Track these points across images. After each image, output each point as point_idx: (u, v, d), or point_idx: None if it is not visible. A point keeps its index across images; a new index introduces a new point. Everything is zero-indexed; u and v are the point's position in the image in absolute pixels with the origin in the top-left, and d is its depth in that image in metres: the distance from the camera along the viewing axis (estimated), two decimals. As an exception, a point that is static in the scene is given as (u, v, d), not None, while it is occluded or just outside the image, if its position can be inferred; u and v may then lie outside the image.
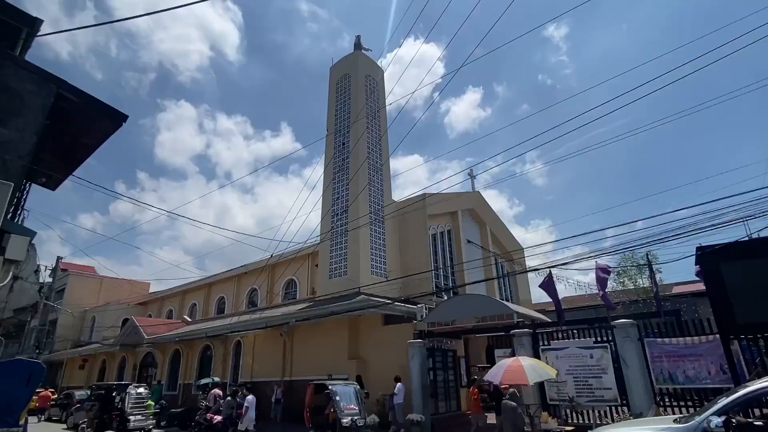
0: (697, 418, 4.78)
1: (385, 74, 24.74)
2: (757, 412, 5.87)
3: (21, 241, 5.20)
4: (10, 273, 5.22)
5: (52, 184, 8.71)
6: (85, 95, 6.49)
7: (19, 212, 6.35)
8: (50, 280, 29.12)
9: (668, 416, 6.87)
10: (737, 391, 4.90)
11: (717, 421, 4.47)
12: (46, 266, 28.00)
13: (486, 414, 12.17)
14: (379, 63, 24.75)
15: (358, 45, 23.90)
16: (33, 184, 8.04)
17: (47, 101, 6.16)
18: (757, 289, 7.80)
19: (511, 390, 8.84)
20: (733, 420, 4.60)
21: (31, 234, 5.51)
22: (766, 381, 4.87)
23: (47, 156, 7.87)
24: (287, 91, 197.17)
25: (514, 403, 8.42)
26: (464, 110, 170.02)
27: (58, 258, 27.85)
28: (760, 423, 4.79)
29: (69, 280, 38.98)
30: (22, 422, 6.34)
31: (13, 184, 5.08)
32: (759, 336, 8.18)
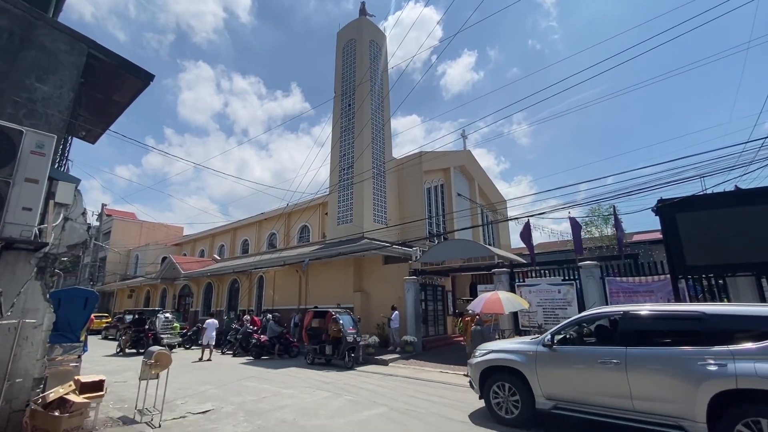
0: (541, 336, 5.67)
1: (387, 37, 23.51)
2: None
3: (68, 186, 5.18)
4: (61, 215, 5.24)
5: (91, 138, 8.54)
6: (113, 55, 6.18)
7: (64, 162, 6.28)
8: (97, 223, 29.45)
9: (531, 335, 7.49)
10: (572, 318, 5.69)
11: (548, 337, 5.44)
12: (93, 211, 28.23)
13: None
14: (381, 26, 23.42)
15: (362, 11, 22.49)
16: (74, 138, 7.90)
17: (79, 60, 5.88)
18: (705, 236, 7.86)
19: (477, 318, 9.42)
20: (569, 335, 5.43)
21: (76, 181, 5.47)
22: (590, 311, 5.65)
23: (84, 112, 7.66)
24: (296, 52, 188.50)
25: (479, 327, 9.05)
26: (459, 73, 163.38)
27: (103, 205, 28.02)
28: (593, 339, 5.48)
29: (113, 224, 39.44)
30: (82, 338, 6.66)
31: (56, 136, 4.97)
32: (703, 276, 8.37)
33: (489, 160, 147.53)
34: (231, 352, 14.85)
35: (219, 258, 29.02)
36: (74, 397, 4.76)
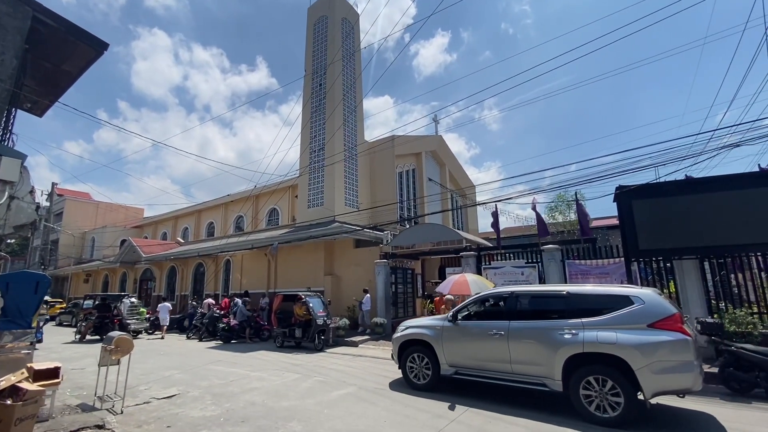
0: (447, 314, 6.53)
1: (358, 11, 22.91)
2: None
3: (13, 162, 4.78)
4: (6, 193, 4.86)
5: (38, 111, 7.91)
6: (62, 20, 5.68)
7: (7, 136, 5.78)
8: (47, 203, 27.49)
9: None
10: (472, 297, 6.63)
11: (450, 314, 6.32)
12: (42, 190, 26.32)
13: None
14: (353, 2, 22.74)
15: (335, -13, 21.74)
16: (19, 110, 7.28)
17: (24, 24, 5.37)
18: (657, 222, 8.42)
19: (454, 300, 9.70)
20: (471, 311, 6.23)
21: (22, 156, 5.05)
22: (487, 291, 6.72)
23: (31, 82, 7.06)
24: (262, 23, 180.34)
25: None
26: (432, 54, 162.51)
27: (53, 184, 26.09)
28: (489, 315, 6.18)
29: (66, 204, 37.03)
30: (34, 325, 6.31)
31: (-3, 108, 4.57)
32: (653, 259, 8.99)
33: (460, 145, 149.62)
34: (196, 337, 14.55)
35: (183, 241, 28.02)
36: (27, 385, 4.53)
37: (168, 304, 16.21)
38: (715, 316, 7.78)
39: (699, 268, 8.40)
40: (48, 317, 15.00)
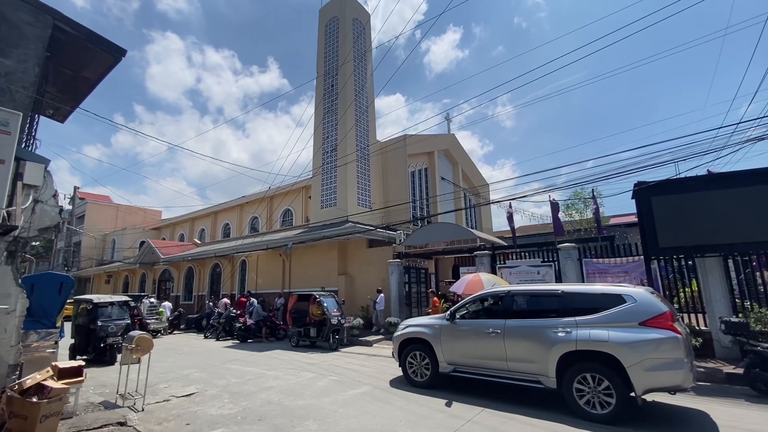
0: (445, 314, 6.62)
1: (369, 8, 22.95)
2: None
3: (37, 167, 4.94)
4: (30, 197, 5.02)
5: (60, 117, 8.15)
6: (81, 27, 5.83)
7: (31, 141, 5.98)
8: (69, 207, 28.35)
9: None
10: (471, 296, 6.68)
11: (448, 314, 6.42)
12: (64, 194, 27.11)
13: None
14: (362, 2, 22.76)
15: (345, -13, 21.81)
16: (41, 117, 7.52)
17: (44, 32, 5.54)
18: (677, 219, 8.17)
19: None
20: (469, 310, 6.35)
21: (45, 161, 5.21)
22: (485, 291, 6.84)
23: (52, 89, 7.28)
24: (272, 24, 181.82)
25: None
26: (443, 50, 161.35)
27: (75, 187, 26.81)
28: (486, 314, 6.28)
29: (87, 207, 38.13)
30: (58, 325, 6.50)
31: (21, 114, 4.71)
32: (674, 257, 8.74)
33: (473, 142, 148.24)
34: (213, 337, 14.80)
35: (200, 242, 28.53)
36: (52, 383, 4.68)
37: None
38: (740, 315, 7.51)
39: (722, 266, 8.13)
40: (129, 320, 11.13)
